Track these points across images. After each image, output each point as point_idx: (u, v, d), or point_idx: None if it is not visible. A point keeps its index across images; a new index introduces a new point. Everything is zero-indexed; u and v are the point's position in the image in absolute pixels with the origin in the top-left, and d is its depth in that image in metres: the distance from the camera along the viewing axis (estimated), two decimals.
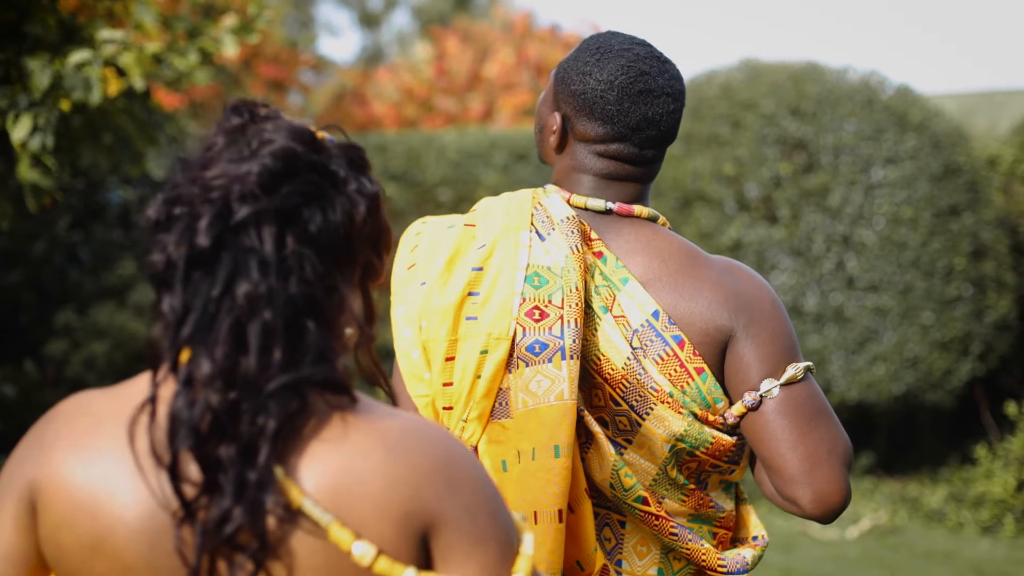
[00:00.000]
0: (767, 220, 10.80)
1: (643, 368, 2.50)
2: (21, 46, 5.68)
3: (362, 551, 1.56)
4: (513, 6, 25.03)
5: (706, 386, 2.51)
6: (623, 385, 2.51)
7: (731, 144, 10.90)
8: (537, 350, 2.46)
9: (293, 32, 28.13)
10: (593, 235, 2.59)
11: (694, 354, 2.51)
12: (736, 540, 2.70)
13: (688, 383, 2.50)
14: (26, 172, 5.35)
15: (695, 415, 2.51)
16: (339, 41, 50.65)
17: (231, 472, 1.55)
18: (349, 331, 1.71)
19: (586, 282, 2.55)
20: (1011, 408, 9.83)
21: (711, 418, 2.52)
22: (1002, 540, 9.24)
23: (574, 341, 2.46)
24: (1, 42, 5.71)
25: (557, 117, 2.64)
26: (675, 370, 2.50)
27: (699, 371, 2.51)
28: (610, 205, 2.61)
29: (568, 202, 2.62)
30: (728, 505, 2.65)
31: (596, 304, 2.54)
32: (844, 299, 10.48)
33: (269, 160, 1.61)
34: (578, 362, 2.47)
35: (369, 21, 31.67)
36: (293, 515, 1.57)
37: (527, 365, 2.48)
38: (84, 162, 5.82)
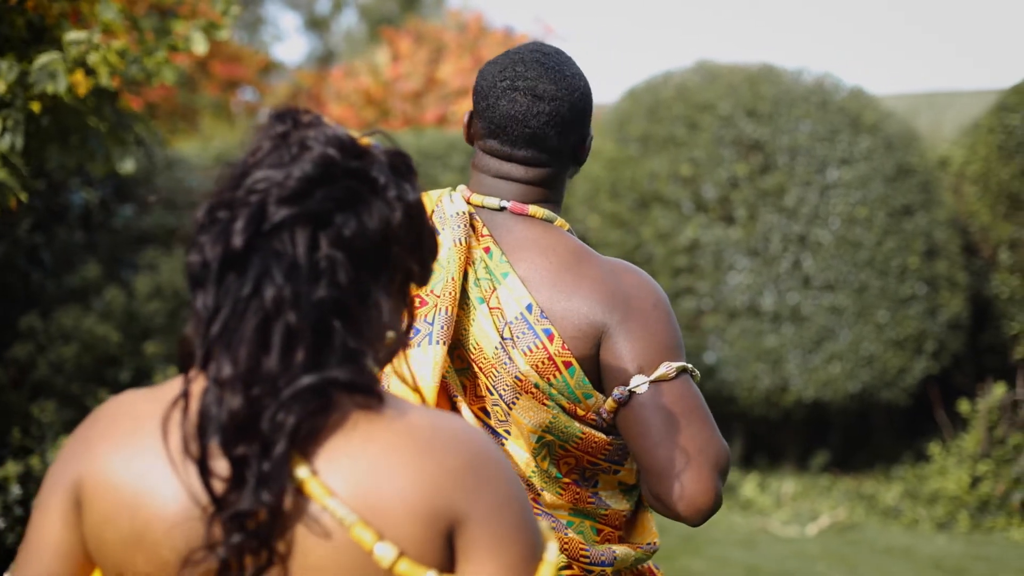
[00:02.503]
0: (724, 221, 10.88)
1: (510, 357, 2.55)
2: None
3: (383, 552, 1.58)
4: (465, 6, 25.07)
5: (574, 380, 2.54)
6: (493, 374, 2.56)
7: (688, 145, 10.97)
8: (411, 336, 2.52)
9: (240, 33, 28.05)
10: (484, 231, 2.65)
11: (563, 348, 2.54)
12: (628, 543, 2.70)
13: (555, 375, 2.54)
14: None
15: (563, 408, 2.55)
16: (284, 44, 50.41)
17: (253, 467, 1.58)
18: (391, 334, 1.75)
19: (466, 273, 2.62)
20: (964, 406, 9.95)
21: (580, 412, 2.55)
22: (958, 536, 9.35)
23: (442, 328, 2.54)
24: None
25: (467, 114, 2.76)
26: (543, 362, 2.53)
27: (567, 365, 2.53)
28: (504, 203, 2.67)
29: (468, 200, 2.70)
30: (617, 505, 2.66)
31: (474, 295, 2.60)
32: (800, 298, 10.58)
33: (308, 166, 1.64)
34: (444, 348, 2.53)
35: (317, 24, 31.59)
36: (318, 513, 1.59)
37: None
38: (52, 163, 5.79)
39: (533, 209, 2.67)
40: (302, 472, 1.59)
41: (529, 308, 2.55)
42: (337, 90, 17.07)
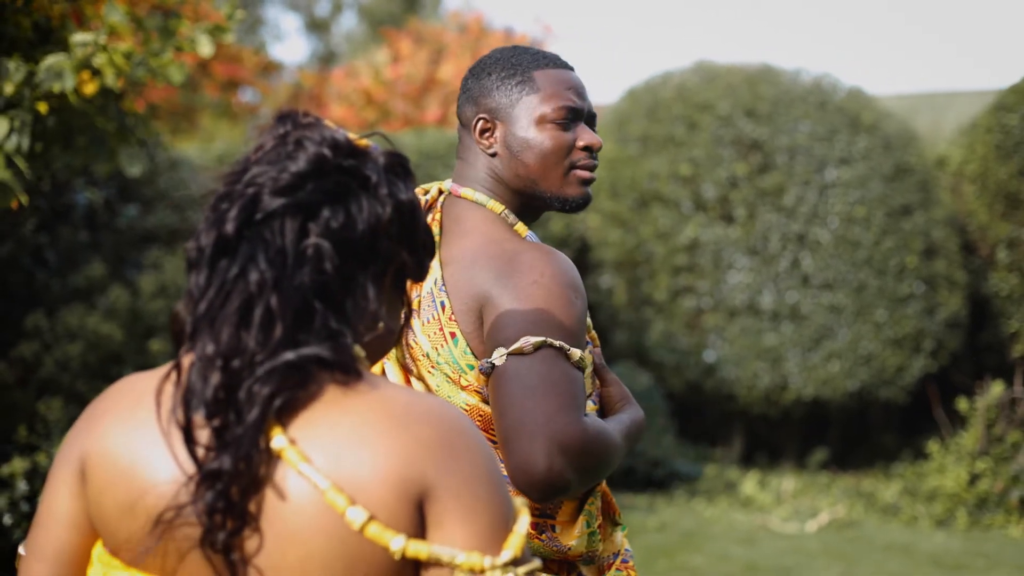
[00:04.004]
0: (723, 220, 10.95)
1: (411, 327, 2.67)
2: None
3: (354, 516, 1.66)
4: (466, 7, 25.12)
5: (458, 350, 2.60)
6: (404, 343, 2.69)
7: (687, 145, 11.04)
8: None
9: (240, 34, 28.09)
10: (438, 215, 2.80)
11: (451, 318, 2.62)
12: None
13: (442, 346, 2.62)
14: None
15: (448, 377, 2.62)
16: (285, 45, 50.48)
17: (228, 433, 1.70)
18: (381, 325, 1.85)
19: None
20: (962, 404, 10.00)
21: (463, 383, 2.62)
22: (956, 533, 9.41)
23: None
24: None
25: None
26: (435, 332, 2.63)
27: (452, 335, 2.61)
28: (449, 186, 2.83)
29: (440, 186, 2.86)
30: None
31: None
32: (800, 297, 10.65)
33: (302, 162, 1.76)
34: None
35: (317, 25, 31.64)
36: (294, 480, 1.69)
37: None
38: (57, 163, 5.84)
39: (464, 191, 2.78)
40: (279, 441, 1.69)
41: (435, 281, 2.65)
42: (338, 90, 17.14)
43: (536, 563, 1.77)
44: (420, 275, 1.90)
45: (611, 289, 11.43)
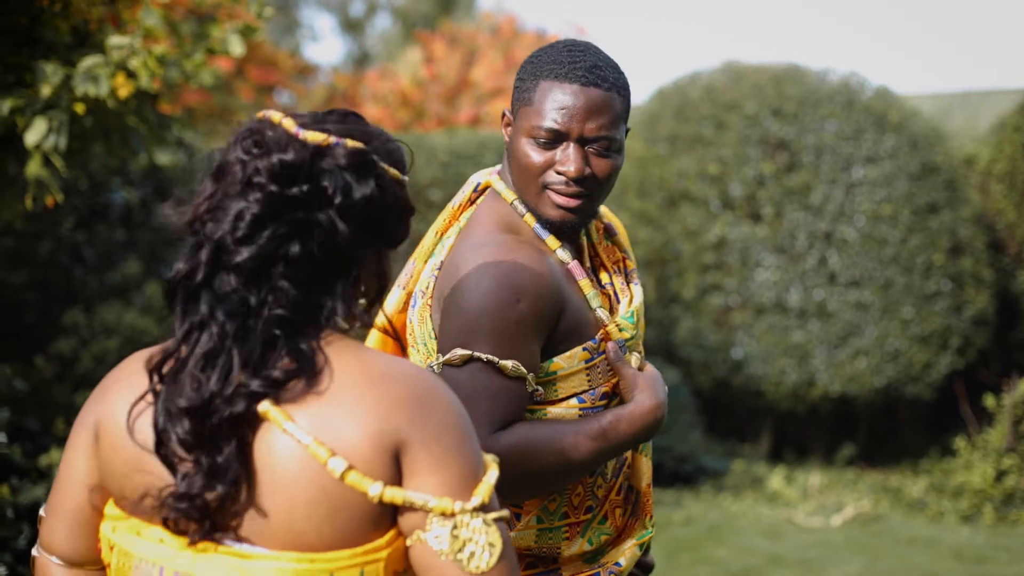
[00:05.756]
0: (751, 218, 11.04)
1: (412, 304, 2.83)
2: (35, 50, 5.86)
3: (335, 465, 1.84)
4: (499, 9, 25.21)
5: (426, 333, 2.74)
6: (407, 316, 2.86)
7: (715, 144, 11.13)
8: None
9: (276, 36, 28.23)
10: (481, 197, 2.90)
11: (428, 303, 2.76)
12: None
13: (420, 325, 2.76)
14: (35, 169, 5.53)
15: (420, 355, 2.75)
16: (320, 46, 50.57)
17: (209, 462, 1.88)
18: (363, 302, 2.05)
19: (442, 238, 2.88)
20: (989, 401, 10.06)
21: (428, 362, 2.72)
22: (981, 528, 9.46)
23: (405, 275, 2.87)
24: (15, 46, 5.89)
25: None
26: (422, 309, 2.76)
27: (425, 318, 2.75)
28: (483, 178, 2.94)
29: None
30: None
31: (431, 258, 2.88)
32: (826, 295, 10.72)
33: (255, 207, 1.90)
34: (403, 292, 2.89)
35: (352, 26, 31.75)
36: (279, 437, 1.87)
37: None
38: (94, 163, 5.99)
39: (492, 179, 2.89)
40: (264, 404, 1.87)
41: (436, 265, 2.77)
42: (373, 91, 17.26)
43: (504, 512, 1.92)
44: (395, 243, 2.04)
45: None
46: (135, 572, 1.96)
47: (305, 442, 1.84)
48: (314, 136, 1.94)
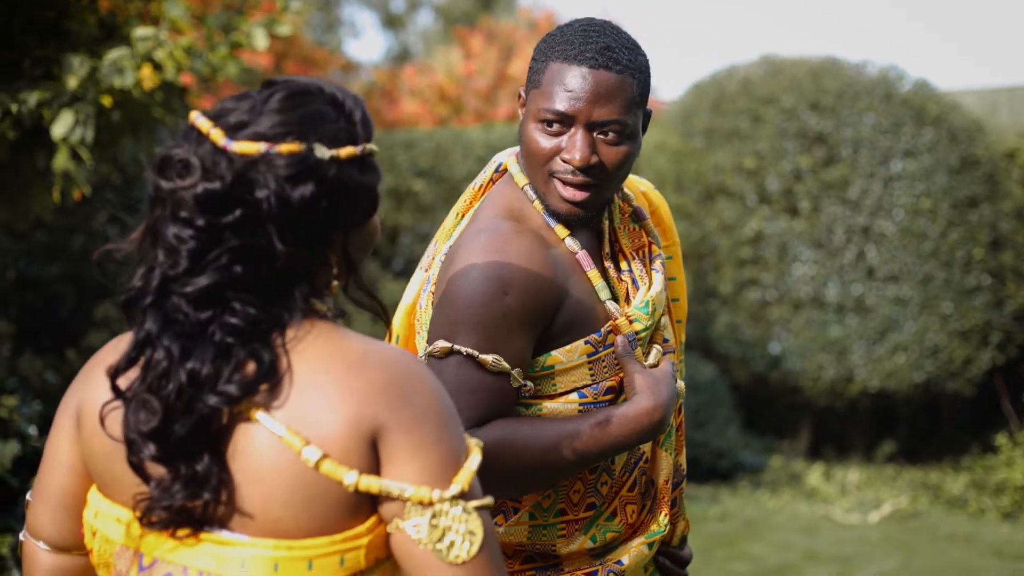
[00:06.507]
0: (788, 212, 10.96)
1: (424, 290, 2.77)
2: (62, 43, 5.88)
3: (309, 454, 1.79)
4: (537, 4, 25.19)
5: (427, 318, 2.70)
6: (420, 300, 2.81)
7: (752, 138, 11.07)
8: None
9: (318, 34, 28.31)
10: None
11: (431, 290, 2.72)
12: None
13: (425, 309, 2.72)
14: (62, 162, 5.54)
15: (423, 343, 2.71)
16: (361, 42, 50.74)
17: (188, 471, 1.84)
18: (336, 283, 1.98)
19: (461, 220, 2.84)
20: None
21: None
22: (1022, 525, 9.37)
23: (427, 257, 2.81)
24: (43, 40, 5.91)
25: None
26: (428, 297, 2.72)
27: (428, 304, 2.71)
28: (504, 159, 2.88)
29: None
30: None
31: (448, 240, 2.82)
32: (865, 289, 10.64)
33: (191, 243, 1.83)
34: (425, 273, 2.79)
35: (393, 22, 31.81)
36: (254, 427, 1.82)
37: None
38: (125, 156, 5.99)
39: (508, 161, 2.82)
40: (231, 389, 1.82)
41: (446, 249, 2.73)
42: (411, 87, 17.28)
43: (487, 500, 1.86)
44: (359, 223, 1.96)
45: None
46: (116, 559, 1.94)
47: (279, 433, 1.80)
48: (244, 148, 1.83)
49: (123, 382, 1.88)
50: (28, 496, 2.10)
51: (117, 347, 1.98)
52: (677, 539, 2.95)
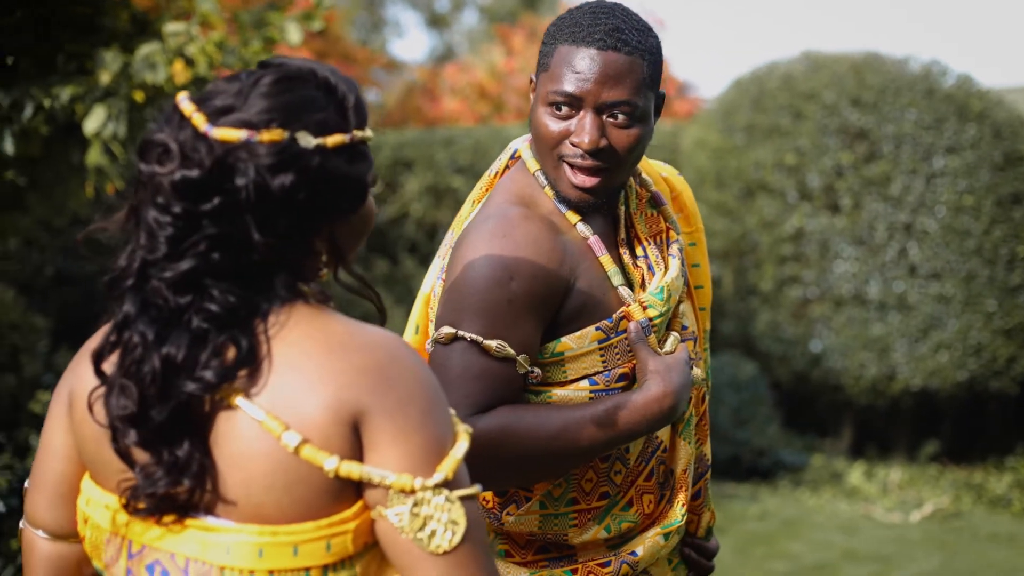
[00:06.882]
0: (829, 209, 10.88)
1: (438, 279, 2.74)
2: (96, 39, 5.89)
3: (288, 439, 1.76)
4: (575, 3, 25.14)
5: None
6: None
7: (792, 135, 10.99)
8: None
9: (363, 33, 28.39)
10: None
11: (441, 277, 2.70)
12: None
13: (436, 296, 2.71)
14: (95, 158, 5.55)
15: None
16: (405, 42, 50.91)
17: (170, 457, 1.81)
18: (324, 271, 1.95)
19: (476, 207, 2.81)
20: None
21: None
22: None
23: (445, 245, 2.77)
24: (77, 35, 5.92)
25: None
26: (441, 285, 2.69)
27: (436, 291, 2.70)
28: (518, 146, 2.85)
29: None
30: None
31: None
32: (907, 287, 10.54)
33: (168, 229, 1.79)
34: (440, 261, 2.77)
35: (437, 22, 31.88)
36: (235, 413, 1.80)
37: None
38: None
39: (522, 148, 2.80)
40: (209, 374, 1.79)
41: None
42: (451, 85, 17.29)
43: (472, 489, 1.82)
44: (345, 215, 1.92)
45: (718, 279, 11.42)
46: (106, 546, 1.93)
47: (258, 418, 1.77)
48: (225, 134, 1.80)
49: (108, 367, 1.86)
50: (27, 483, 2.09)
51: (97, 339, 1.95)
52: (703, 530, 2.92)
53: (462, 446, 1.83)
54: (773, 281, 10.98)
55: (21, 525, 2.09)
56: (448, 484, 1.80)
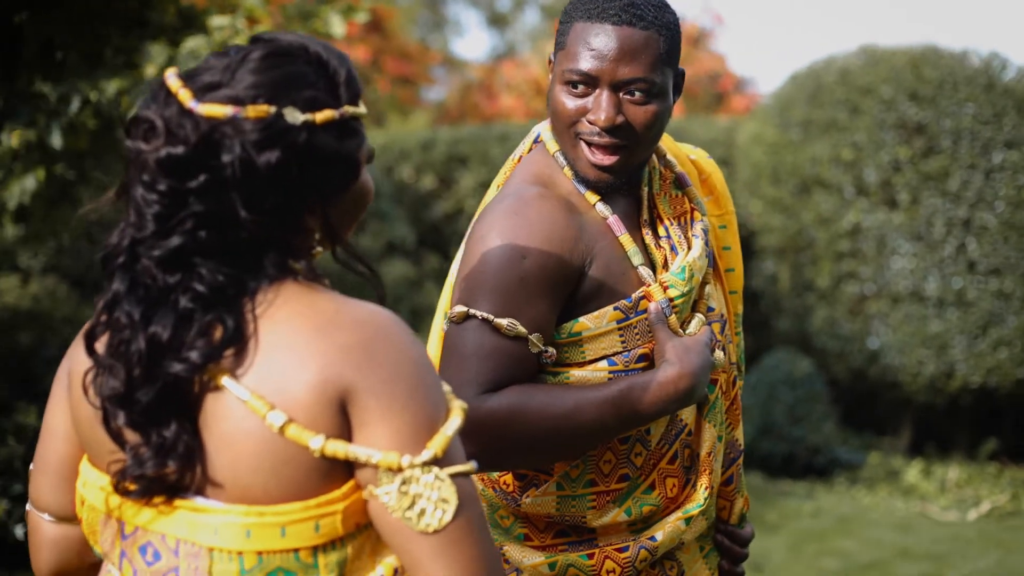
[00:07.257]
0: (886, 205, 10.76)
1: (458, 262, 2.71)
2: (143, 33, 5.94)
3: (273, 419, 1.74)
4: None
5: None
6: None
7: (849, 129, 10.88)
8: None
9: (424, 32, 28.49)
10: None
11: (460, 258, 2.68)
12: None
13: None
14: None
15: None
16: (466, 40, 51.03)
17: (157, 438, 1.81)
18: (319, 249, 1.93)
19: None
20: None
21: None
22: None
23: (468, 231, 2.71)
24: (124, 29, 5.97)
25: None
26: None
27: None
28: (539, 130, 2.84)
29: None
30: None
31: None
32: (965, 283, 10.40)
33: (156, 207, 1.78)
34: (463, 245, 2.71)
35: (498, 21, 31.91)
36: (221, 393, 1.78)
37: None
38: None
39: (542, 130, 2.78)
40: (195, 355, 1.78)
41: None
42: (508, 81, 17.30)
43: (465, 467, 1.79)
44: (335, 194, 1.90)
45: (774, 275, 11.34)
46: (101, 528, 1.93)
47: (243, 397, 1.75)
48: (211, 110, 1.78)
49: (101, 347, 1.85)
50: (32, 467, 2.08)
51: (98, 310, 1.95)
52: (736, 517, 2.88)
53: (454, 423, 1.80)
54: (830, 277, 10.88)
55: (28, 507, 2.09)
56: (438, 461, 1.77)
